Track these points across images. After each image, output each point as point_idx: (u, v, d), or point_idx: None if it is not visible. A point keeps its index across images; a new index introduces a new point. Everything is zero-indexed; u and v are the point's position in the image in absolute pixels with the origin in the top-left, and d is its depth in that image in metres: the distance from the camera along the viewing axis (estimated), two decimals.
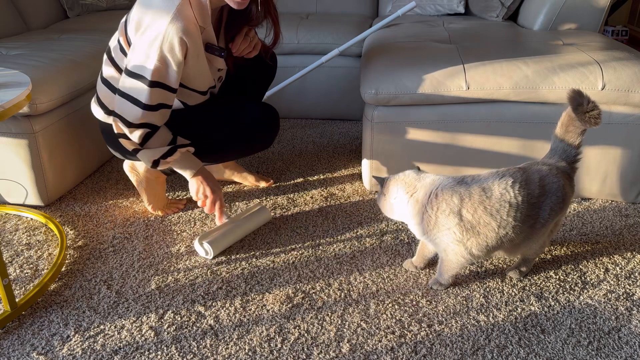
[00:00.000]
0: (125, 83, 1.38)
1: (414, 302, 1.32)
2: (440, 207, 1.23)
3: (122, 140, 1.45)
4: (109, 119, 1.54)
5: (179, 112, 1.55)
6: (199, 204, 1.55)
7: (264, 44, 1.63)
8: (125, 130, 1.41)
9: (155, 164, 1.46)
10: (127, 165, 1.72)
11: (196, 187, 1.53)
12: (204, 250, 1.50)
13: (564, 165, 1.31)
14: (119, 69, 1.46)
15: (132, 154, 1.49)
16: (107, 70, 1.49)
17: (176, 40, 1.29)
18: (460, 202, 1.22)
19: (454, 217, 1.22)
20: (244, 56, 1.58)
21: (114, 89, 1.49)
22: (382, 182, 1.36)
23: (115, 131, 1.44)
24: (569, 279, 1.40)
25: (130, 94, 1.37)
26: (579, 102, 1.24)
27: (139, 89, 1.35)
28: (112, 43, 1.48)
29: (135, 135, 1.41)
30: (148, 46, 1.31)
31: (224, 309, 1.31)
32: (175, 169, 1.51)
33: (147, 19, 1.31)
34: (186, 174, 1.52)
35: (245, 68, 1.66)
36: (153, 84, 1.34)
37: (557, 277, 1.41)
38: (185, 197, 1.85)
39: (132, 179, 1.72)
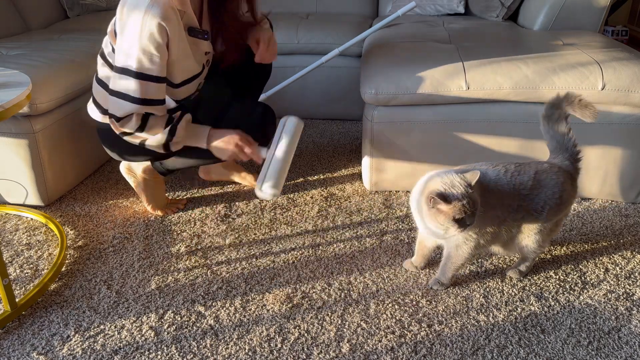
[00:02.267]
0: (115, 83, 1.37)
1: (414, 302, 1.32)
2: None
3: (127, 138, 1.44)
4: (105, 119, 1.54)
5: (175, 111, 1.55)
6: (242, 158, 1.47)
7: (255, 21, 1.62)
8: (122, 127, 1.40)
9: (166, 147, 1.44)
10: (123, 167, 1.72)
11: (224, 149, 1.46)
12: (268, 194, 1.40)
13: (567, 164, 1.33)
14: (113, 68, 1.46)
15: (142, 151, 1.48)
16: (103, 71, 1.50)
17: (155, 27, 1.29)
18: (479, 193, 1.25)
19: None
20: (264, 62, 1.59)
21: (108, 88, 1.49)
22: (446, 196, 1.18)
23: (116, 132, 1.43)
24: (569, 279, 1.40)
25: (121, 90, 1.36)
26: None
27: (127, 84, 1.35)
28: (106, 48, 1.48)
29: (133, 122, 1.38)
30: (129, 40, 1.31)
31: (224, 309, 1.31)
32: (190, 145, 1.47)
33: (125, 15, 1.32)
34: (201, 143, 1.47)
35: (240, 67, 1.66)
36: (139, 76, 1.33)
37: (557, 277, 1.41)
38: (185, 197, 1.85)
39: (130, 180, 1.72)
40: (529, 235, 1.31)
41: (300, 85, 2.49)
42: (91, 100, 1.58)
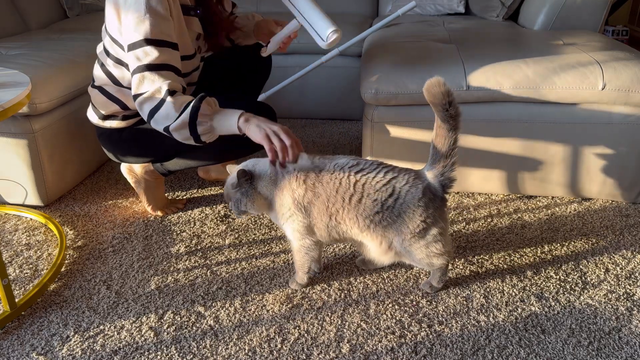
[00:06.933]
0: (129, 60, 1.32)
1: (414, 303, 1.32)
2: None
3: (153, 122, 1.32)
4: (105, 123, 1.54)
5: None
6: (278, 153, 1.22)
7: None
8: (145, 91, 1.29)
9: (193, 131, 1.28)
10: (124, 167, 1.72)
11: (259, 132, 1.23)
12: (334, 37, 1.50)
13: (430, 177, 1.25)
14: (107, 73, 1.47)
15: (142, 153, 1.49)
16: (98, 73, 1.50)
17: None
18: None
19: None
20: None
21: (106, 93, 1.50)
22: None
23: (147, 116, 1.32)
24: (569, 279, 1.40)
25: (134, 64, 1.31)
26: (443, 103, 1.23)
27: (139, 53, 1.30)
28: (111, 48, 1.47)
29: (156, 84, 1.28)
30: (133, 14, 1.29)
31: (224, 309, 1.31)
32: (220, 133, 1.31)
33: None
34: (232, 126, 1.27)
35: (240, 67, 1.67)
36: (149, 42, 1.29)
37: (557, 277, 1.41)
38: (184, 197, 1.84)
39: (130, 181, 1.72)
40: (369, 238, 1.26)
41: (300, 85, 2.49)
42: (90, 106, 1.59)
